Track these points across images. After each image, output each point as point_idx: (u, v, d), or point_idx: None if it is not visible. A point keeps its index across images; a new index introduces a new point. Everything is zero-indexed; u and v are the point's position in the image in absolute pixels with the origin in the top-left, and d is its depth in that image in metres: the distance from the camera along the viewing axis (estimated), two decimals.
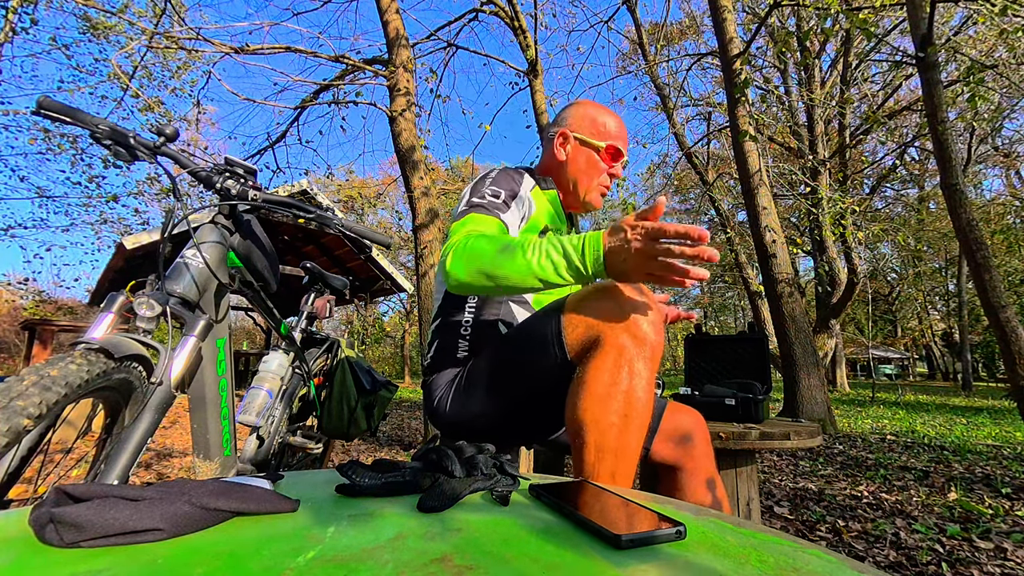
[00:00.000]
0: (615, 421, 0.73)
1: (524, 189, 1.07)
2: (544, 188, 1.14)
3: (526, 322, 0.94)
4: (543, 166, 1.20)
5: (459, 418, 0.98)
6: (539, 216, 1.09)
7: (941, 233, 16.32)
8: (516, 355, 0.92)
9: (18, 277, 14.92)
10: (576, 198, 1.17)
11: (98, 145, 0.91)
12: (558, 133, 1.15)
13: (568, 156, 1.15)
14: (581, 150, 1.14)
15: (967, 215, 3.23)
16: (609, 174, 1.15)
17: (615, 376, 0.74)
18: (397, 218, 19.93)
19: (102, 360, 0.67)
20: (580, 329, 0.80)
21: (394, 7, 4.29)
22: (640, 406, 0.74)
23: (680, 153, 11.19)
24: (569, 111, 1.18)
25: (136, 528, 0.33)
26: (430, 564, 0.31)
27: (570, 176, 1.15)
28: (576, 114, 1.16)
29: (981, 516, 2.09)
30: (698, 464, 0.98)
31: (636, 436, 0.74)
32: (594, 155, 1.14)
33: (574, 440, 0.76)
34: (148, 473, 2.75)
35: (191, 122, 6.30)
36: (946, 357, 26.70)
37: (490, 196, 0.99)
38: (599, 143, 1.13)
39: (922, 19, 3.37)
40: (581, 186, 1.15)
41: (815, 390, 4.81)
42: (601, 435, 0.73)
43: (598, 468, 0.72)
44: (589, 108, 1.17)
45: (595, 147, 1.13)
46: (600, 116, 1.15)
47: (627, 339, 0.75)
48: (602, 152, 1.13)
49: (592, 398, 0.74)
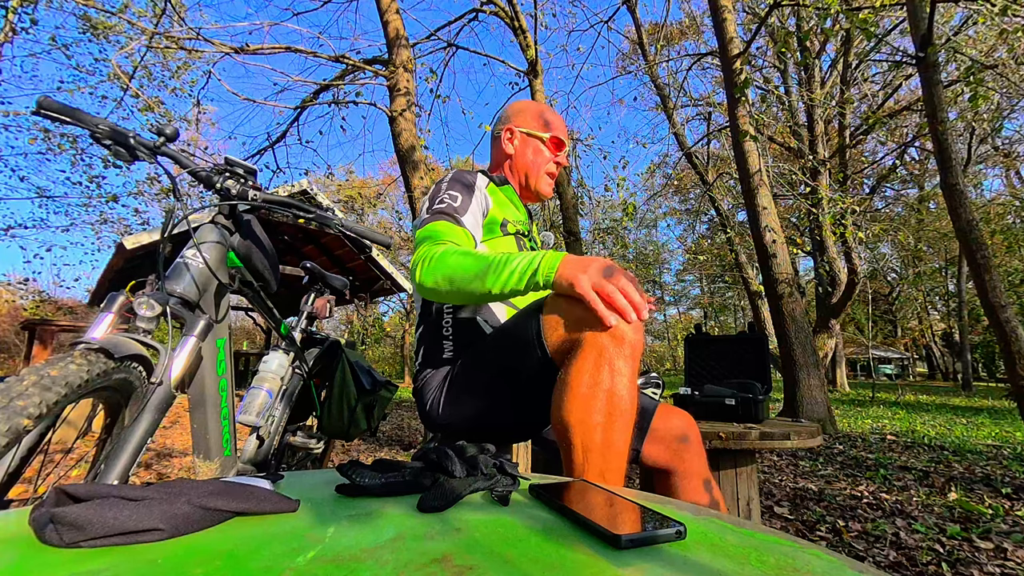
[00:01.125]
0: (600, 420, 0.73)
1: (479, 187, 1.13)
2: (498, 184, 1.21)
3: (508, 323, 0.97)
4: (494, 163, 1.28)
5: (451, 419, 1.00)
6: (496, 210, 1.14)
7: (941, 233, 16.32)
8: (500, 356, 0.94)
9: (18, 277, 14.95)
10: (528, 188, 1.25)
11: (98, 145, 0.91)
12: (504, 129, 1.24)
13: (516, 149, 1.24)
14: (527, 142, 1.24)
15: (967, 215, 3.23)
16: (554, 162, 1.25)
17: (596, 376, 0.75)
18: (397, 218, 19.92)
19: (102, 360, 0.67)
20: (560, 330, 0.82)
21: (394, 7, 4.29)
22: (623, 404, 0.74)
23: (680, 153, 11.21)
24: (512, 110, 1.28)
25: (136, 528, 0.33)
26: (430, 564, 0.31)
27: (519, 167, 1.24)
28: (519, 111, 1.26)
29: (981, 516, 2.09)
30: (691, 466, 0.98)
31: (622, 434, 0.75)
32: (539, 145, 1.23)
33: (561, 441, 0.77)
34: (148, 473, 2.75)
35: (191, 122, 6.30)
36: (946, 357, 26.69)
37: (448, 200, 1.04)
38: (543, 134, 1.23)
39: (922, 19, 3.37)
40: (531, 175, 1.24)
41: (815, 390, 4.81)
42: (587, 435, 0.73)
43: (586, 468, 0.73)
44: (531, 105, 1.28)
45: (539, 138, 1.23)
46: (541, 112, 1.26)
47: (606, 338, 0.75)
48: (547, 142, 1.23)
49: (575, 399, 0.75)
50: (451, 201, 1.03)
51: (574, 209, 6.22)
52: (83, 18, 6.81)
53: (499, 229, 1.11)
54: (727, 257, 12.37)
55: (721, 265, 17.65)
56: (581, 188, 7.90)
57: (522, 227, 1.19)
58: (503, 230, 1.12)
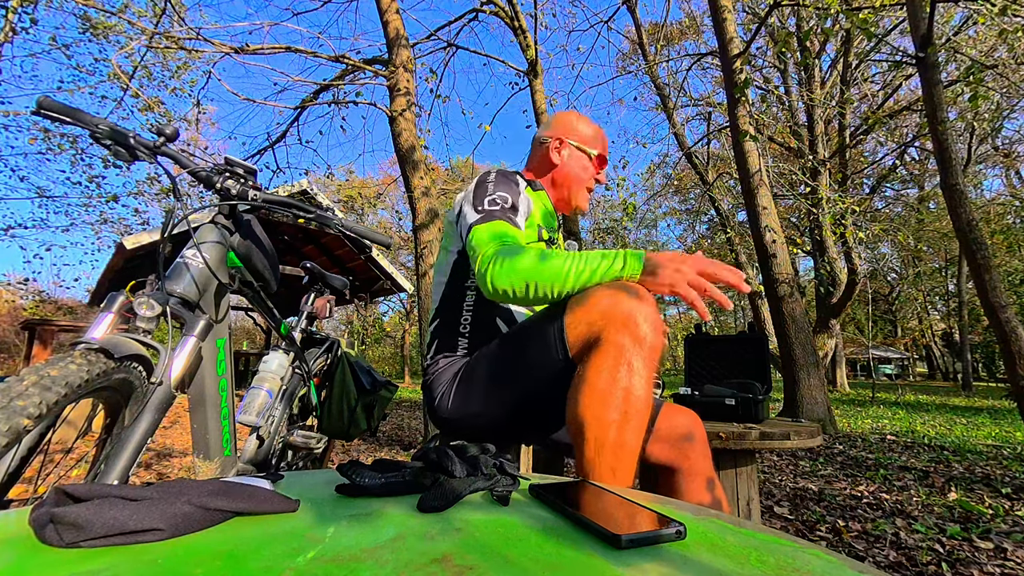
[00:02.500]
0: (615, 418, 0.74)
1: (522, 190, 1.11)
2: (535, 190, 1.20)
3: (528, 322, 0.96)
4: (534, 169, 1.27)
5: (460, 415, 0.99)
6: (534, 215, 1.13)
7: (941, 233, 16.30)
8: (518, 354, 0.93)
9: (18, 277, 14.93)
10: (567, 200, 1.25)
11: (98, 145, 0.91)
12: (554, 138, 1.23)
13: (563, 160, 1.22)
14: (576, 156, 1.23)
15: (967, 215, 3.23)
16: (595, 179, 1.25)
17: (614, 374, 0.75)
18: (397, 218, 19.93)
19: (102, 360, 0.67)
20: (581, 328, 0.82)
21: (394, 7, 4.29)
22: (639, 404, 0.75)
23: (680, 153, 11.21)
24: (563, 120, 1.27)
25: (136, 528, 0.33)
26: (430, 564, 0.31)
27: (564, 179, 1.23)
28: (570, 122, 1.25)
29: (981, 516, 2.09)
30: (695, 465, 0.98)
31: (635, 433, 0.76)
32: (586, 160, 1.23)
33: (575, 437, 0.78)
34: (148, 473, 2.75)
35: (191, 122, 6.30)
36: (946, 357, 26.69)
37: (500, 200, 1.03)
38: (592, 150, 1.23)
39: (922, 19, 3.37)
40: (574, 188, 1.23)
41: (815, 390, 4.81)
42: (601, 432, 0.74)
43: (598, 464, 0.74)
44: (581, 119, 1.27)
45: (588, 154, 1.23)
46: (590, 127, 1.26)
47: (626, 338, 0.76)
48: (594, 159, 1.23)
49: (592, 395, 0.76)
50: (503, 202, 1.02)
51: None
52: (83, 18, 6.81)
53: (535, 234, 1.11)
54: (727, 257, 12.37)
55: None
56: None
57: (554, 235, 1.19)
58: (539, 235, 1.11)
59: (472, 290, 1.11)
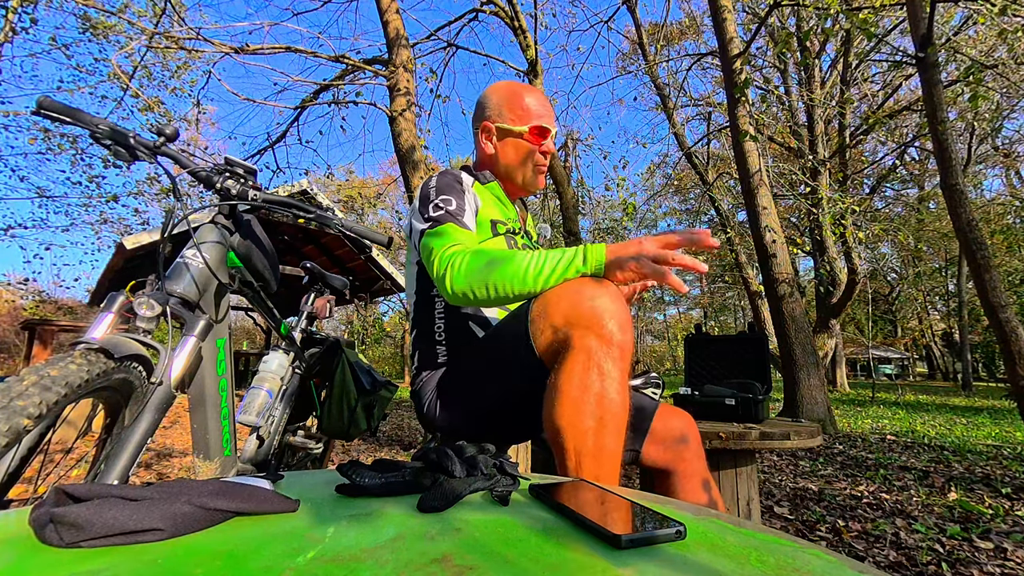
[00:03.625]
0: (591, 424, 0.72)
1: (467, 187, 1.09)
2: (484, 182, 1.15)
3: (498, 326, 0.95)
4: (478, 161, 1.21)
5: (447, 422, 0.99)
6: (485, 210, 1.09)
7: (941, 233, 16.31)
8: (492, 359, 0.93)
9: (18, 277, 14.93)
10: (516, 185, 1.17)
11: (98, 145, 0.91)
12: (481, 128, 1.15)
13: (496, 148, 1.14)
14: (506, 139, 1.13)
15: (967, 215, 3.23)
16: (541, 152, 1.13)
17: (585, 379, 0.73)
18: (397, 218, 19.89)
19: (102, 360, 0.67)
20: (547, 333, 0.80)
21: (394, 7, 4.29)
22: (614, 407, 0.73)
23: (680, 153, 11.20)
24: (487, 100, 1.16)
25: (136, 528, 0.33)
26: (430, 564, 0.31)
27: (503, 167, 1.15)
28: (494, 102, 1.14)
29: (981, 516, 2.09)
30: (691, 467, 0.98)
31: (613, 438, 0.73)
32: (520, 140, 1.12)
33: (554, 445, 0.76)
34: (148, 473, 2.75)
35: (191, 122, 6.30)
36: (946, 357, 26.68)
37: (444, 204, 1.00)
38: (522, 127, 1.11)
39: (922, 19, 3.37)
40: (517, 174, 1.15)
41: (815, 390, 4.81)
42: (578, 439, 0.72)
43: (580, 472, 0.72)
44: (504, 92, 1.14)
45: (518, 133, 1.11)
46: (518, 98, 1.12)
47: (593, 340, 0.74)
48: (526, 135, 1.11)
49: (565, 403, 0.74)
50: (447, 205, 1.00)
51: (574, 209, 6.22)
52: (83, 18, 6.81)
53: (489, 229, 1.08)
54: (727, 257, 12.37)
55: (721, 265, 17.64)
56: (581, 188, 7.90)
57: (512, 224, 1.14)
58: (493, 230, 1.08)
59: (439, 298, 1.08)
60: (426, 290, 1.11)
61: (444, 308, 1.09)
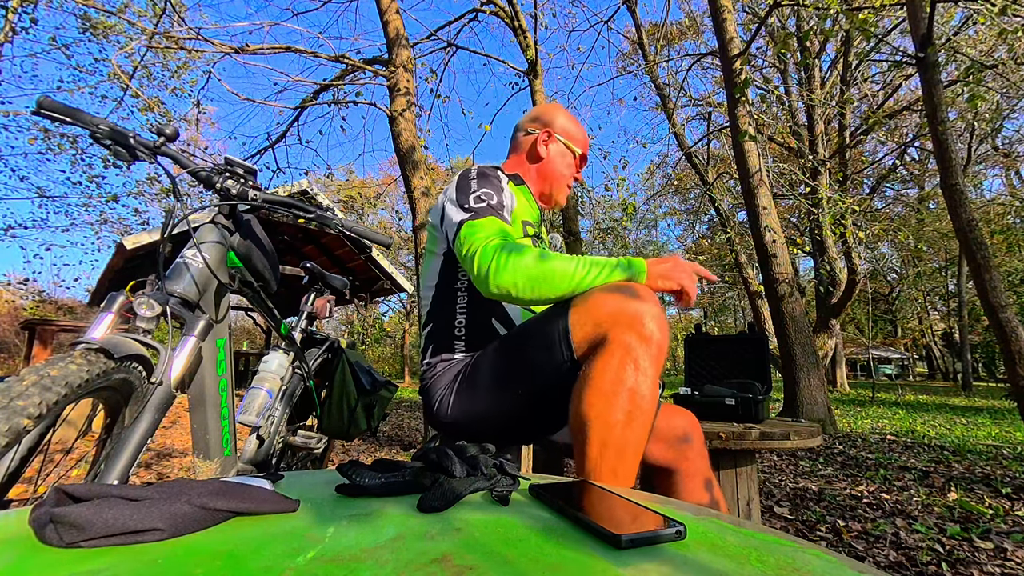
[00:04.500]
0: (620, 418, 0.73)
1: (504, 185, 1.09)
2: (517, 184, 1.18)
3: (530, 322, 0.94)
4: (515, 162, 1.23)
5: (461, 419, 0.98)
6: (518, 211, 1.10)
7: (941, 233, 16.29)
8: (521, 355, 0.92)
9: (18, 277, 14.91)
10: (549, 195, 1.23)
11: (98, 145, 0.91)
12: (543, 131, 1.20)
13: (550, 155, 1.20)
14: (562, 151, 1.21)
15: (967, 215, 3.23)
16: (575, 177, 1.24)
17: (620, 373, 0.74)
18: (397, 218, 19.93)
19: (102, 360, 0.67)
20: (587, 328, 0.81)
21: (394, 7, 4.29)
22: (645, 404, 0.74)
23: (680, 153, 11.20)
24: (550, 113, 1.24)
25: (136, 528, 0.33)
26: (430, 564, 0.31)
27: (547, 173, 1.20)
28: (558, 117, 1.23)
29: (981, 516, 2.09)
30: (693, 466, 0.98)
31: (639, 433, 0.74)
32: (571, 157, 1.22)
33: (577, 436, 0.77)
34: (148, 473, 2.75)
35: (191, 122, 6.30)
36: (946, 357, 26.68)
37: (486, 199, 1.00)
38: (576, 148, 1.22)
39: (922, 19, 3.37)
40: (556, 183, 1.21)
41: (815, 390, 4.81)
42: (605, 431, 0.73)
43: (601, 464, 0.73)
44: (569, 115, 1.25)
45: (573, 151, 1.22)
46: (575, 124, 1.25)
47: (633, 337, 0.75)
48: (577, 157, 1.22)
49: (597, 395, 0.75)
50: (489, 198, 0.99)
51: (574, 209, 6.23)
52: (83, 18, 6.81)
53: (521, 229, 1.08)
54: (727, 257, 12.36)
55: (721, 265, 17.63)
56: (581, 188, 7.89)
57: (537, 230, 1.16)
58: (524, 231, 1.09)
59: (464, 291, 1.08)
60: (450, 282, 1.09)
61: (468, 303, 1.07)
